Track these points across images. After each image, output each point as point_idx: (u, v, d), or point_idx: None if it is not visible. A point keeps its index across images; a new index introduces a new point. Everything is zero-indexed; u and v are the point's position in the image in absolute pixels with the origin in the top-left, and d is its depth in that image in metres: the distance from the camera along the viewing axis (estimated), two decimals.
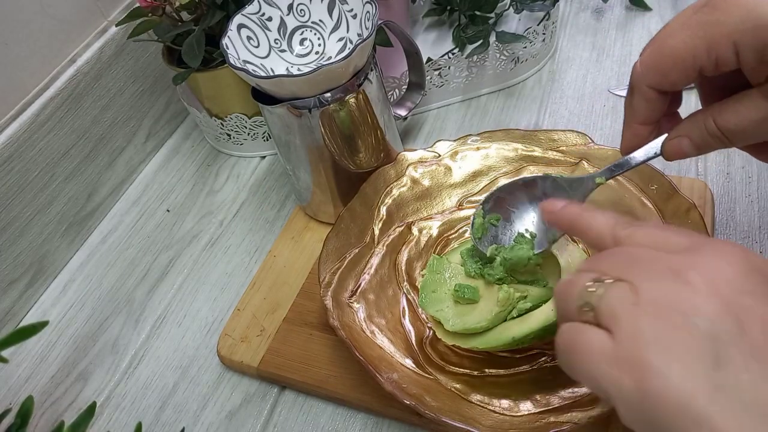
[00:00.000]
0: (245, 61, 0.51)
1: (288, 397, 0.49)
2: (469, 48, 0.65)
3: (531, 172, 0.53)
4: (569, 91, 0.67)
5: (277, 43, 0.54)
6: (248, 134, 0.67)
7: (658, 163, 0.57)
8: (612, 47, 0.71)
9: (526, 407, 0.41)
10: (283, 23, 0.54)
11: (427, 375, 0.44)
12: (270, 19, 0.53)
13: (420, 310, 0.48)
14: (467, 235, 0.52)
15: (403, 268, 0.50)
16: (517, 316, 0.42)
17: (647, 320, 0.25)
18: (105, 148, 0.65)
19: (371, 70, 0.51)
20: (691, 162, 0.57)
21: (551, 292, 0.42)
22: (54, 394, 0.52)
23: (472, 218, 0.45)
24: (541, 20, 0.66)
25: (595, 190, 0.40)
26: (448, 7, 0.71)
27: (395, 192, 0.53)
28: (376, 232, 0.51)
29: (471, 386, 0.43)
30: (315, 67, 0.46)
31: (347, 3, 0.53)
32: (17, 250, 0.57)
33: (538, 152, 0.53)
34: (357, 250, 0.50)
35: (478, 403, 0.42)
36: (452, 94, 0.68)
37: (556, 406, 0.40)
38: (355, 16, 0.53)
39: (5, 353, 0.30)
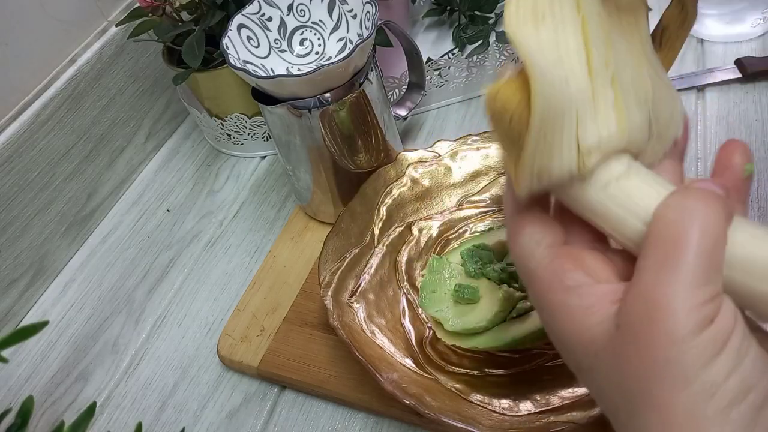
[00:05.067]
0: (245, 61, 0.51)
1: (288, 397, 0.49)
2: (469, 48, 0.65)
3: None
4: None
5: (277, 43, 0.54)
6: (248, 134, 0.67)
7: None
8: None
9: (526, 407, 0.41)
10: (283, 23, 0.54)
11: (427, 375, 0.44)
12: (270, 19, 0.54)
13: (420, 310, 0.48)
14: (467, 235, 0.52)
15: (403, 268, 0.50)
16: (517, 316, 0.42)
17: None
18: (105, 148, 0.65)
19: (371, 70, 0.51)
20: (691, 162, 0.57)
21: None
22: (54, 394, 0.52)
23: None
24: None
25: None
26: (448, 7, 0.71)
27: (395, 192, 0.53)
28: (376, 232, 0.51)
29: (471, 386, 0.43)
30: (315, 67, 0.46)
31: (347, 3, 0.53)
32: (17, 250, 0.57)
33: None
34: (357, 250, 0.50)
35: (478, 403, 0.42)
36: (452, 94, 0.68)
37: (556, 406, 0.40)
38: (355, 16, 0.53)
39: (5, 353, 0.30)
